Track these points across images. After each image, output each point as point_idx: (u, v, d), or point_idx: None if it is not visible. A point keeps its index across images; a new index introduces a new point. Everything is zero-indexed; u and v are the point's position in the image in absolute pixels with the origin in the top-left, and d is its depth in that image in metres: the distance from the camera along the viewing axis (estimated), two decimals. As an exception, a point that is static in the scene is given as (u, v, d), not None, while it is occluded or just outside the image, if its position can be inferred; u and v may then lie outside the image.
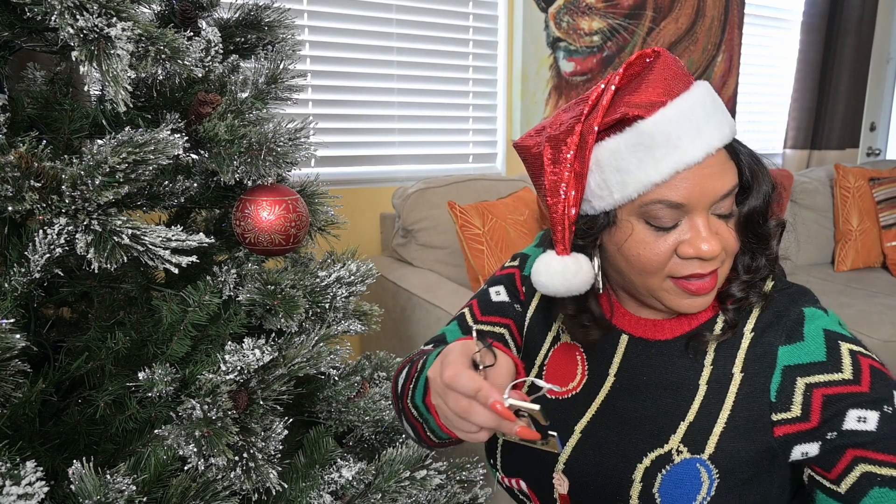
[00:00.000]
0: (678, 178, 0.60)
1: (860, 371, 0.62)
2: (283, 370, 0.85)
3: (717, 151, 0.62)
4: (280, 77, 0.94)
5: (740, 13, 2.80)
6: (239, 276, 0.89)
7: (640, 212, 0.63)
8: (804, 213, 2.65)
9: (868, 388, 0.61)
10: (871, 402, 0.60)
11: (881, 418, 0.60)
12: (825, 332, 0.66)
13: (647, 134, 0.60)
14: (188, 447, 0.74)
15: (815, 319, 0.67)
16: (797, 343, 0.66)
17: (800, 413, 0.63)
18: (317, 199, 1.03)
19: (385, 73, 2.06)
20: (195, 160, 0.95)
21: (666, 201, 0.61)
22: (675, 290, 0.65)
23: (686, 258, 0.63)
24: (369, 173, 2.11)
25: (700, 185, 0.61)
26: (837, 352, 0.64)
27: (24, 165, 0.66)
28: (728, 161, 0.63)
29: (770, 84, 3.14)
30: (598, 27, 2.39)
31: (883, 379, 0.62)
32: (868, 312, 2.07)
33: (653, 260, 0.64)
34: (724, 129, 0.63)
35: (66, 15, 0.66)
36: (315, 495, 0.89)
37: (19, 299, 0.74)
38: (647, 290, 0.67)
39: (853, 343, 0.65)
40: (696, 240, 0.62)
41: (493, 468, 0.79)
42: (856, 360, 0.63)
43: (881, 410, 0.60)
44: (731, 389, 0.66)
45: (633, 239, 0.64)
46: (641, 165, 0.61)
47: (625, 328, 0.74)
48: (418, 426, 0.72)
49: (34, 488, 0.64)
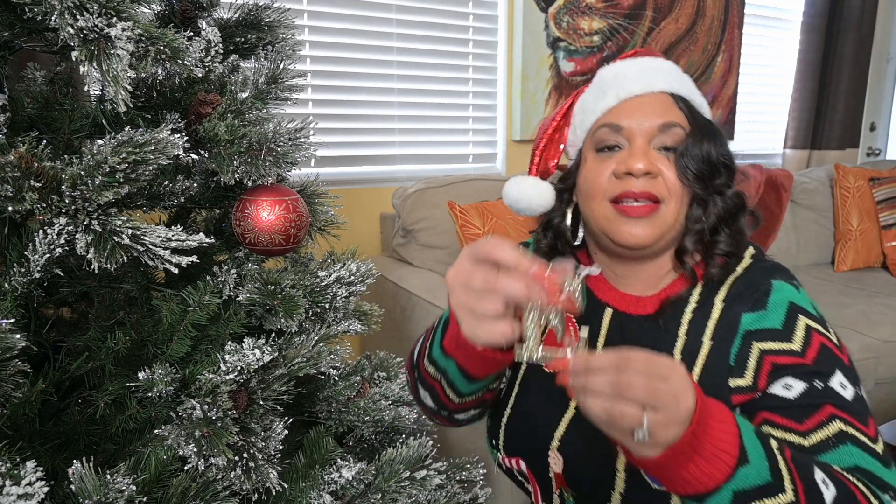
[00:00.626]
0: (620, 105, 0.73)
1: (809, 345, 0.65)
2: (283, 370, 0.85)
3: (660, 93, 0.73)
4: (280, 77, 0.94)
5: (740, 13, 2.80)
6: (239, 276, 0.89)
7: (593, 140, 0.75)
8: (804, 213, 2.65)
9: (811, 362, 0.64)
10: (806, 373, 0.63)
11: (806, 390, 0.62)
12: (789, 304, 0.68)
13: (602, 78, 0.77)
14: (188, 447, 0.74)
15: (783, 291, 0.69)
16: (760, 311, 0.68)
17: (751, 381, 0.65)
18: (317, 199, 1.03)
19: (385, 73, 2.05)
20: (195, 160, 0.95)
21: (609, 124, 0.73)
22: (615, 215, 0.71)
23: (620, 177, 0.70)
24: (369, 173, 2.11)
25: (638, 112, 0.72)
26: (794, 323, 0.66)
27: (24, 165, 0.66)
28: (673, 105, 0.73)
29: (770, 84, 3.13)
30: (598, 27, 2.39)
31: (829, 357, 0.64)
32: (868, 312, 2.07)
33: (596, 182, 0.72)
34: (672, 82, 0.74)
35: (66, 15, 0.66)
36: (315, 495, 0.89)
37: (19, 299, 0.74)
38: (598, 225, 0.73)
39: (815, 321, 0.67)
40: (628, 158, 0.70)
41: (494, 450, 0.81)
42: (808, 335, 0.65)
43: (811, 384, 0.62)
44: (700, 358, 0.69)
45: (586, 168, 0.75)
46: (595, 101, 0.75)
47: (609, 302, 0.77)
48: (436, 385, 0.72)
49: (34, 488, 0.64)
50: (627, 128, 0.71)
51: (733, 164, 0.75)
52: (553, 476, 0.73)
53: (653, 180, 0.69)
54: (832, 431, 0.60)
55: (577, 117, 0.78)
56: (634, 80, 0.73)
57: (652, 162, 0.69)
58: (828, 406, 0.61)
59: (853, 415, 0.61)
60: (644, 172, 0.68)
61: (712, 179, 0.72)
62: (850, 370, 0.65)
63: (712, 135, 0.72)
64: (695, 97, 0.76)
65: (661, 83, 0.73)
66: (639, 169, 0.68)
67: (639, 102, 0.73)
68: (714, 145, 0.72)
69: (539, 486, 0.76)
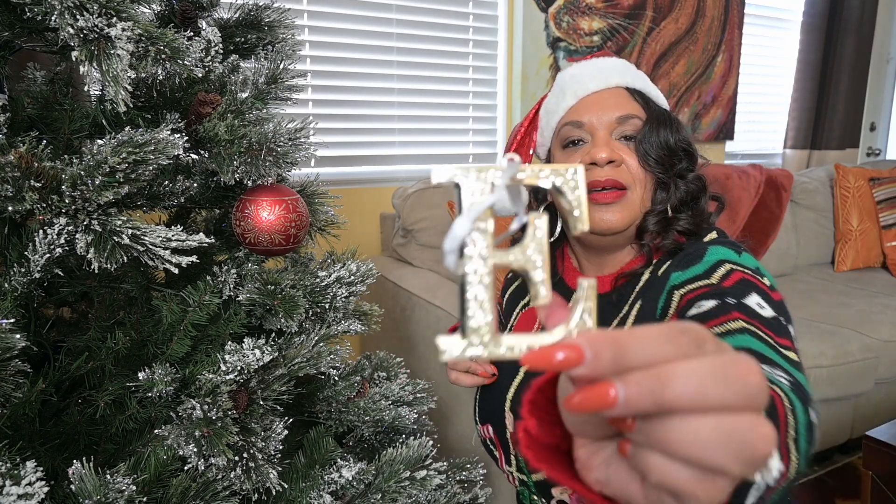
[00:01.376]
0: (580, 103, 0.78)
1: (726, 278, 0.65)
2: (283, 370, 0.85)
3: (616, 88, 0.78)
4: (280, 77, 0.94)
5: (740, 13, 2.80)
6: (239, 276, 0.89)
7: (559, 139, 0.79)
8: (804, 213, 2.65)
9: (722, 285, 0.64)
10: (717, 293, 0.63)
11: (716, 307, 0.61)
12: (721, 259, 0.69)
13: (562, 80, 0.82)
14: (188, 447, 0.74)
15: (718, 252, 0.70)
16: (689, 267, 0.70)
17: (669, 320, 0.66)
18: (317, 199, 1.03)
19: (385, 73, 2.05)
20: (195, 160, 0.95)
21: (571, 121, 0.78)
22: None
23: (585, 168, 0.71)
24: (369, 173, 2.11)
25: (596, 106, 0.76)
26: (717, 268, 0.67)
27: (24, 165, 0.66)
28: (629, 98, 0.77)
29: (770, 84, 3.14)
30: (598, 27, 2.39)
31: (746, 285, 0.64)
32: (868, 312, 2.07)
33: None
34: (626, 77, 0.79)
35: (66, 15, 0.66)
36: (315, 495, 0.89)
37: (19, 299, 0.74)
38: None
39: (745, 268, 0.66)
40: (591, 149, 0.74)
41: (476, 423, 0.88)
42: (728, 272, 0.66)
43: (722, 300, 0.61)
44: (630, 318, 0.73)
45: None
46: (557, 102, 0.80)
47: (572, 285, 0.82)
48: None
49: (34, 488, 0.64)
50: (588, 122, 0.76)
51: (692, 148, 0.79)
52: (509, 437, 0.79)
53: (617, 168, 0.74)
54: (733, 326, 0.57)
55: (543, 119, 0.84)
56: (591, 78, 0.78)
57: (614, 151, 0.73)
58: (735, 313, 0.59)
59: (764, 324, 0.57)
60: (607, 161, 0.73)
61: (673, 164, 0.76)
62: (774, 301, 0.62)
63: (668, 123, 0.76)
64: (650, 90, 0.80)
65: (617, 79, 0.78)
66: (602, 158, 0.72)
67: (596, 98, 0.77)
68: (671, 132, 0.76)
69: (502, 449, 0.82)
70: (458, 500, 1.06)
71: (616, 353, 0.23)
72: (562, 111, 0.79)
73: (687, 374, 0.22)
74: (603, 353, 0.23)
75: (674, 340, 0.23)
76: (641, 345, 0.23)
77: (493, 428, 0.82)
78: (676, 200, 0.75)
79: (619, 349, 0.23)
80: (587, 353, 0.23)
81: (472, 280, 0.28)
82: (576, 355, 0.23)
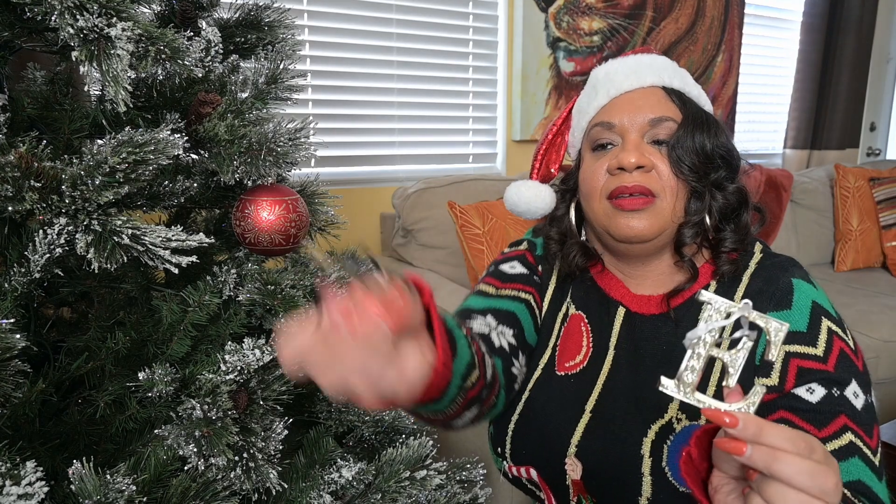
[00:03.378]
0: (612, 103, 0.74)
1: (830, 351, 0.66)
2: (283, 370, 0.85)
3: (651, 87, 0.73)
4: (280, 77, 0.94)
5: (740, 13, 2.80)
6: (239, 276, 0.89)
7: (589, 140, 0.75)
8: (804, 213, 2.65)
9: (832, 369, 0.65)
10: (826, 380, 0.64)
11: (825, 397, 0.64)
12: (813, 304, 0.68)
13: (595, 78, 0.77)
14: (188, 447, 0.74)
15: (805, 290, 0.69)
16: (784, 311, 0.68)
17: (777, 381, 0.66)
18: (317, 199, 1.03)
19: (385, 73, 2.05)
20: (195, 160, 0.95)
21: (601, 122, 0.73)
22: (612, 210, 0.71)
23: (613, 173, 0.70)
24: (369, 173, 2.10)
25: (628, 107, 0.72)
26: (818, 327, 0.67)
27: (24, 165, 0.66)
28: (665, 99, 0.73)
29: (770, 84, 3.14)
30: (598, 27, 2.39)
31: (847, 364, 0.65)
32: (868, 312, 2.07)
33: (592, 180, 0.73)
34: (663, 75, 0.74)
35: (66, 15, 0.66)
36: (315, 495, 0.88)
37: (19, 299, 0.74)
38: (599, 223, 0.73)
39: (835, 323, 0.68)
40: (620, 153, 0.70)
41: (498, 458, 0.78)
42: (830, 339, 0.66)
43: (829, 391, 0.64)
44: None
45: (584, 168, 0.75)
46: (589, 101, 0.76)
47: (621, 300, 0.77)
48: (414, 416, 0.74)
49: (34, 488, 0.64)
50: (619, 124, 0.71)
51: (733, 157, 0.73)
52: (571, 483, 0.71)
53: (646, 174, 0.69)
54: (844, 442, 0.62)
55: (575, 119, 0.80)
56: (625, 77, 0.74)
57: (644, 155, 0.69)
58: (842, 416, 0.63)
59: (862, 426, 0.63)
60: (636, 166, 0.69)
61: (708, 172, 0.70)
62: (863, 376, 0.66)
63: (706, 126, 0.71)
64: (690, 89, 0.75)
65: (652, 78, 0.74)
66: (630, 163, 0.68)
67: (629, 98, 0.73)
68: (708, 136, 0.70)
69: (553, 493, 0.74)
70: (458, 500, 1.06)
71: (756, 430, 0.40)
72: (593, 111, 0.75)
73: (791, 461, 0.39)
74: (749, 426, 0.40)
75: (794, 441, 0.40)
76: (775, 432, 0.40)
77: (537, 471, 0.74)
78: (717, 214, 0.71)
79: (760, 429, 0.40)
80: (741, 424, 0.40)
81: (697, 352, 0.45)
82: (734, 422, 0.40)
